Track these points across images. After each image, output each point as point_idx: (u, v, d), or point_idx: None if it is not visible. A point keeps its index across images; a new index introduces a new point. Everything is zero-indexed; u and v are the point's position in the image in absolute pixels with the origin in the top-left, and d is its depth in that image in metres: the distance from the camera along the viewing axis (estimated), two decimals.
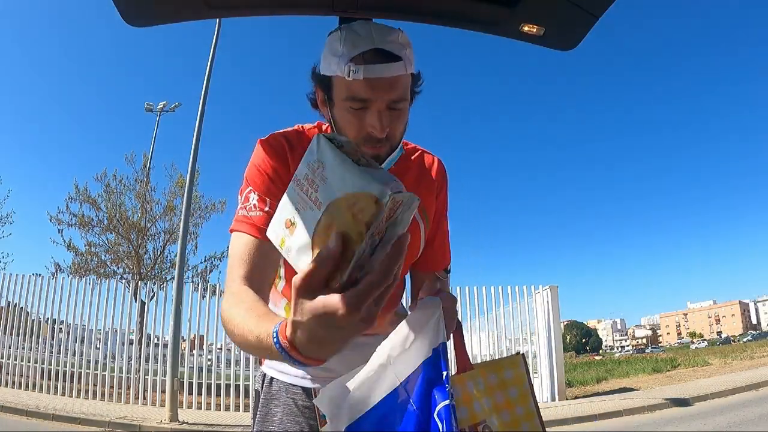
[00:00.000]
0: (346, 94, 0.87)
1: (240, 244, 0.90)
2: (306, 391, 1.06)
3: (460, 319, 1.05)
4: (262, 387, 1.10)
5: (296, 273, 0.53)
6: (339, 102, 0.89)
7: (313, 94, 0.97)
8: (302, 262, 0.57)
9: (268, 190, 0.93)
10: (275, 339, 0.61)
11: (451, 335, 1.01)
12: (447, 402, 0.85)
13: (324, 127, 1.04)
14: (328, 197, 0.53)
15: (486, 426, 0.94)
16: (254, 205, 0.92)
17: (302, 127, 1.05)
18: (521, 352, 1.06)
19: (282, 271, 1.05)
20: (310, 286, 0.51)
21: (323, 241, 0.52)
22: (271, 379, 1.09)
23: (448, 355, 0.92)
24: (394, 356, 0.91)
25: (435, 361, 0.89)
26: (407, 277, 1.19)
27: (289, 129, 1.03)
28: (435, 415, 0.85)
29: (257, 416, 1.08)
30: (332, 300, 0.49)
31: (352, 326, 0.50)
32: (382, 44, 0.86)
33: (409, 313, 1.00)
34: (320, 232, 0.54)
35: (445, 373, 0.88)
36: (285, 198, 0.61)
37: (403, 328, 0.94)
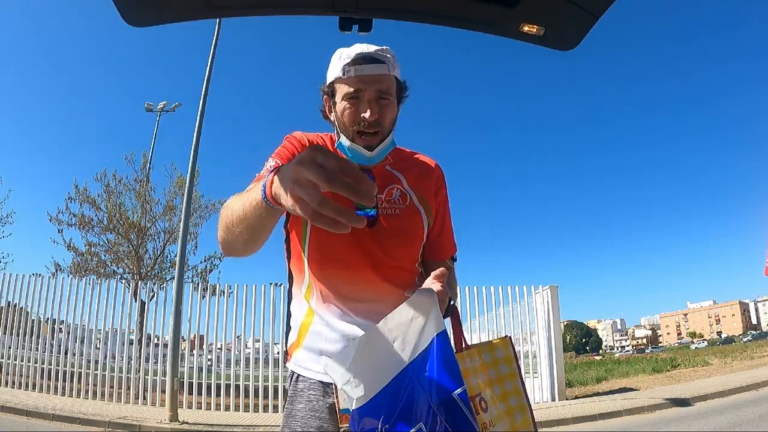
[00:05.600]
0: (344, 91, 1.12)
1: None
2: (328, 387, 1.11)
3: (459, 319, 1.14)
4: (289, 385, 1.18)
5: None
6: (340, 100, 1.13)
7: (322, 107, 1.21)
8: None
9: (285, 157, 1.14)
10: (264, 182, 0.81)
11: (449, 318, 1.12)
12: (464, 387, 0.92)
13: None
14: None
15: (482, 398, 1.05)
16: (270, 166, 1.12)
17: (320, 134, 1.27)
18: (508, 336, 1.22)
19: (306, 247, 1.17)
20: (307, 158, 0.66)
21: None
22: (297, 376, 1.16)
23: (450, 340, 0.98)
24: (398, 338, 0.96)
25: (440, 347, 0.94)
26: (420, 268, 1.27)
27: (311, 133, 1.26)
28: (456, 396, 0.91)
29: (284, 413, 1.16)
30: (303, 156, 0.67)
31: (295, 180, 0.66)
32: (370, 53, 1.13)
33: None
34: None
35: (452, 358, 0.94)
36: None
37: (403, 311, 0.98)
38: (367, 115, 1.10)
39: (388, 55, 1.15)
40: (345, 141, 1.14)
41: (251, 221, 0.89)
